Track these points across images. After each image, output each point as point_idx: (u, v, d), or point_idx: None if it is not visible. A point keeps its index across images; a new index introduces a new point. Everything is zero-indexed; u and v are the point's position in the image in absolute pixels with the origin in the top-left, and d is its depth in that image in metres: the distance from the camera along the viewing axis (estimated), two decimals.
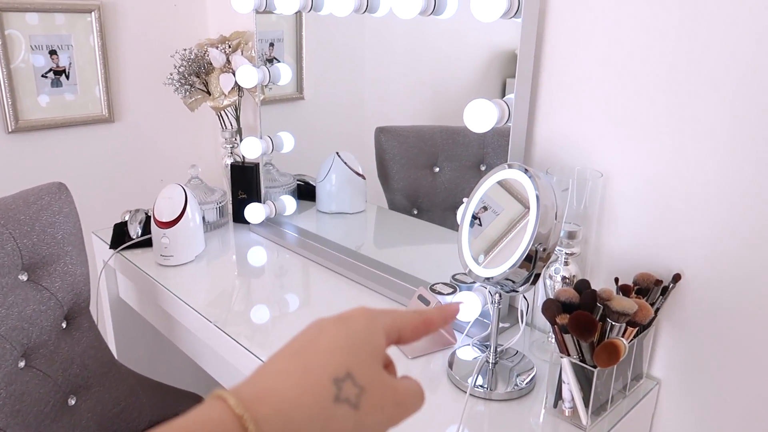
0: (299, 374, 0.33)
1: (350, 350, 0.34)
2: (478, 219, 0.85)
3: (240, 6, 1.23)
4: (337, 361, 0.34)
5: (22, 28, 1.32)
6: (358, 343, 0.35)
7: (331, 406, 0.32)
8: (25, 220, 1.01)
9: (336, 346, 0.34)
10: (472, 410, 0.82)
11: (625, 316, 0.74)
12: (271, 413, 0.31)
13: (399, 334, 0.38)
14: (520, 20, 0.86)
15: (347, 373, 0.33)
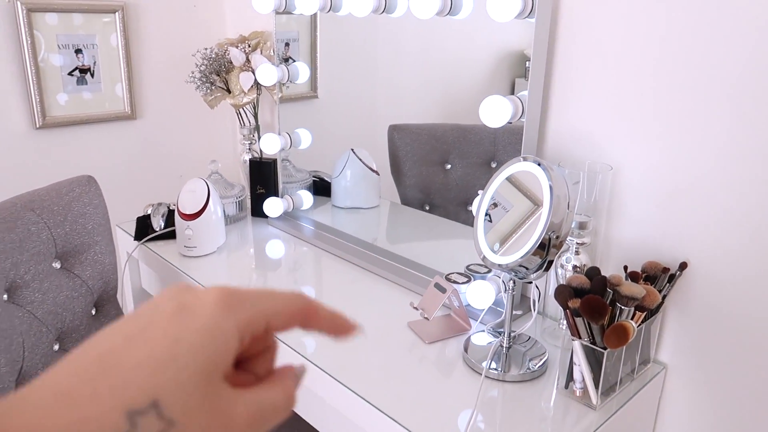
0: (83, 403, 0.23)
1: (170, 366, 0.25)
2: (488, 215, 0.89)
3: (261, 6, 1.28)
4: (143, 383, 0.24)
5: (49, 28, 1.37)
6: (187, 353, 0.26)
7: None
8: (59, 211, 1.06)
9: (150, 359, 0.25)
10: (486, 391, 0.86)
11: (633, 300, 0.78)
12: None
13: (266, 324, 0.29)
14: (533, 20, 0.90)
15: (153, 402, 0.24)
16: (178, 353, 0.25)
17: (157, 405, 0.24)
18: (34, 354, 0.98)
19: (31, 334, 0.98)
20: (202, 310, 0.27)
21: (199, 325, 0.26)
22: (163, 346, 0.25)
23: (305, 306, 0.31)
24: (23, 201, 1.01)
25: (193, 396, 0.25)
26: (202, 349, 0.26)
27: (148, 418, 0.24)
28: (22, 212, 0.99)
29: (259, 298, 0.29)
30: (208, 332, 0.26)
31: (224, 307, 0.27)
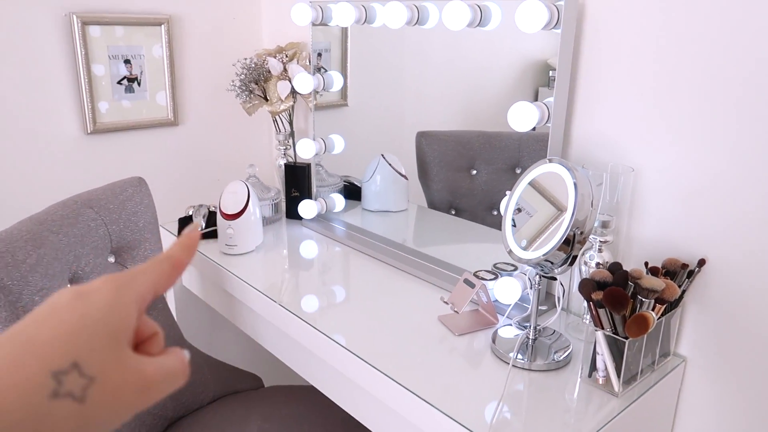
0: (10, 369, 0.28)
1: (80, 334, 0.30)
2: (512, 221, 0.94)
3: (299, 19, 1.36)
4: (60, 350, 0.29)
5: (101, 40, 1.47)
6: (94, 323, 0.31)
7: (46, 403, 0.28)
8: (114, 209, 1.14)
9: (64, 330, 0.30)
10: (513, 379, 0.92)
11: (653, 292, 0.83)
12: None
13: (154, 293, 0.35)
14: (559, 30, 0.96)
15: (73, 363, 0.29)
16: (86, 324, 0.30)
17: (77, 365, 0.29)
18: None
19: None
20: (98, 292, 0.32)
21: (99, 302, 0.31)
22: (72, 321, 0.30)
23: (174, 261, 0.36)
24: (83, 199, 1.10)
25: (108, 356, 0.30)
26: (106, 318, 0.31)
27: (71, 376, 0.29)
28: (83, 209, 1.08)
29: (138, 274, 0.34)
30: (108, 306, 0.32)
31: (117, 286, 0.33)
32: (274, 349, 1.26)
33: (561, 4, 0.95)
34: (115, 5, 1.48)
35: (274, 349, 1.26)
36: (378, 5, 1.26)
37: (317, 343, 1.05)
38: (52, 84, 1.43)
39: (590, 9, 0.99)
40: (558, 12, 0.95)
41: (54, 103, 1.45)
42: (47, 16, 1.39)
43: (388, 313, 1.11)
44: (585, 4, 1.00)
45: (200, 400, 1.30)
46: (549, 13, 0.93)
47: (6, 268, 0.87)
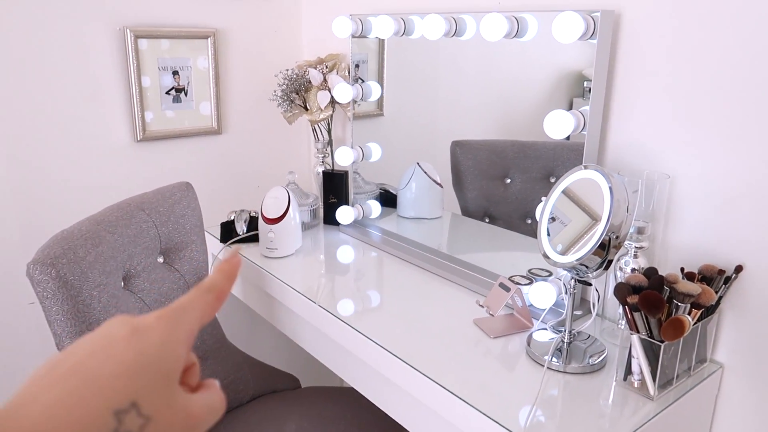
0: (73, 408, 0.29)
1: (139, 374, 0.31)
2: (547, 229, 0.96)
3: (340, 31, 1.41)
4: (121, 389, 0.30)
5: (152, 52, 1.55)
6: (150, 363, 0.32)
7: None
8: (163, 212, 1.20)
9: (123, 370, 0.31)
10: (548, 382, 0.93)
11: (689, 297, 0.84)
12: None
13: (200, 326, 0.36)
14: (595, 41, 0.99)
15: (132, 403, 0.30)
16: (143, 363, 0.31)
17: (136, 405, 0.30)
18: None
19: None
20: (153, 331, 0.33)
21: (155, 340, 0.32)
22: (130, 360, 0.31)
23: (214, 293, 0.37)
24: (136, 202, 1.16)
25: (162, 396, 0.32)
26: (162, 359, 0.32)
27: (130, 416, 0.30)
28: (136, 212, 1.14)
29: (187, 310, 0.35)
30: (164, 345, 0.33)
31: (169, 325, 0.34)
32: (311, 349, 1.30)
33: (597, 15, 0.97)
34: (166, 20, 1.56)
35: (312, 349, 1.29)
36: (417, 17, 1.30)
37: (355, 342, 1.08)
38: (106, 94, 1.51)
39: (626, 19, 1.01)
40: (594, 23, 0.97)
41: (107, 112, 1.53)
42: (103, 31, 1.47)
43: (423, 315, 1.14)
44: (621, 14, 1.02)
45: (240, 398, 1.35)
46: (585, 24, 0.96)
47: (69, 265, 0.93)
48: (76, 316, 0.93)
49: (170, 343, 0.33)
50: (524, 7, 1.17)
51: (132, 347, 0.32)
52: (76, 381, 0.30)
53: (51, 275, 0.90)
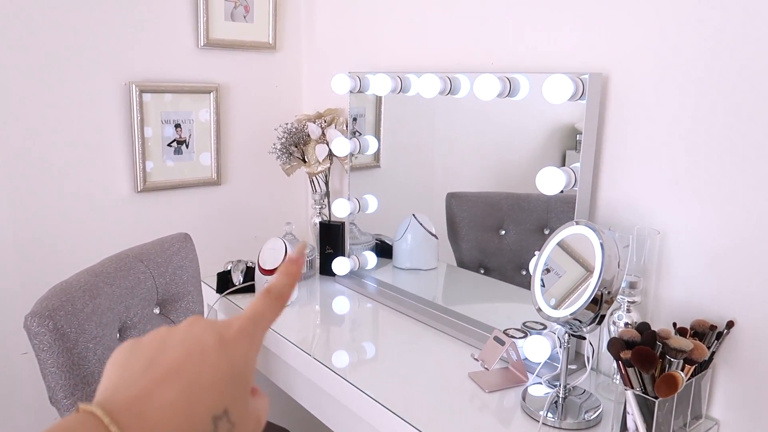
0: (184, 409, 0.32)
1: (229, 385, 0.35)
2: (541, 281, 0.98)
3: (339, 88, 1.46)
4: (218, 397, 0.34)
5: (156, 106, 1.59)
6: (239, 375, 0.35)
7: None
8: (162, 263, 1.21)
9: (218, 379, 0.34)
10: None
11: (682, 352, 0.85)
12: None
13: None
14: (584, 101, 1.03)
15: (225, 411, 0.34)
16: (234, 374, 0.35)
17: (227, 412, 0.34)
18: None
19: None
20: (239, 344, 0.36)
21: (241, 353, 0.36)
22: (224, 369, 0.34)
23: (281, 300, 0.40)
24: (134, 253, 1.17)
25: (243, 404, 0.35)
26: (245, 370, 0.36)
27: (222, 422, 0.33)
28: (134, 263, 1.15)
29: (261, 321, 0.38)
30: (246, 358, 0.36)
31: (251, 338, 0.37)
32: (305, 401, 1.28)
33: (586, 77, 1.02)
34: (170, 75, 1.61)
35: (305, 402, 1.28)
36: (413, 76, 1.35)
37: (349, 395, 1.08)
38: (109, 146, 1.55)
39: (613, 81, 1.06)
40: (583, 84, 1.02)
41: (110, 164, 1.56)
42: (110, 85, 1.52)
43: (418, 368, 1.13)
44: (609, 76, 1.06)
45: None
46: (574, 85, 1.00)
47: (66, 317, 0.93)
48: (71, 369, 0.93)
49: (251, 356, 0.37)
50: (516, 68, 1.22)
51: (223, 359, 0.35)
52: (180, 386, 0.33)
53: (48, 327, 0.91)
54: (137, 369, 0.34)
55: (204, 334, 0.36)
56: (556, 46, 1.15)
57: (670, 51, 0.98)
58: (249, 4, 1.70)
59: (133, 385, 0.33)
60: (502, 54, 1.26)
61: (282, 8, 1.78)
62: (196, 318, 0.38)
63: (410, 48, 1.48)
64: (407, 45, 1.49)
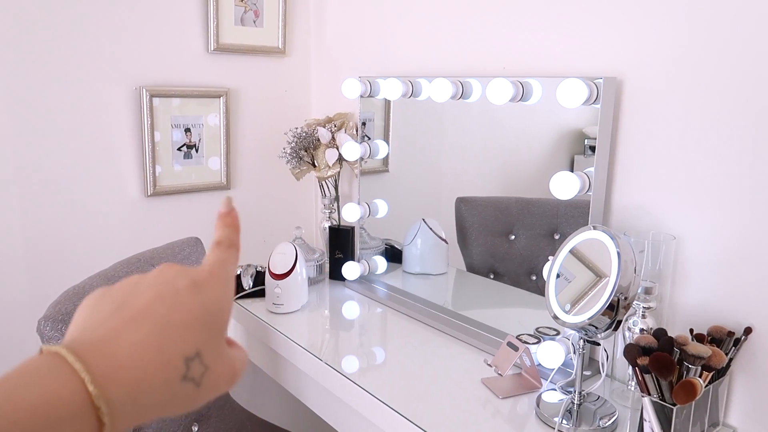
0: (154, 350, 0.31)
1: (203, 326, 0.34)
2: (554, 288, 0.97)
3: (349, 92, 1.45)
4: (190, 339, 0.33)
5: (165, 110, 1.59)
6: (211, 317, 0.35)
7: (178, 385, 0.32)
8: None
9: (191, 320, 0.33)
10: None
11: (700, 359, 0.84)
12: (122, 394, 0.30)
13: None
14: (598, 106, 1.02)
15: (197, 352, 0.33)
16: (206, 316, 0.34)
17: (200, 354, 0.33)
18: None
19: None
20: (211, 286, 0.36)
21: (214, 296, 0.35)
22: (196, 312, 0.34)
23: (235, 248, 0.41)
24: (146, 257, 1.17)
25: (217, 349, 0.35)
26: (219, 313, 0.35)
27: (195, 363, 0.33)
28: (146, 267, 1.15)
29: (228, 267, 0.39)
30: (220, 302, 0.36)
31: (224, 282, 0.37)
32: (316, 407, 1.28)
33: (600, 82, 1.01)
34: (180, 80, 1.61)
35: (316, 407, 1.28)
36: (424, 80, 1.35)
37: (360, 400, 1.07)
38: (119, 151, 1.55)
39: (628, 85, 1.05)
40: (597, 89, 1.01)
41: (120, 168, 1.56)
42: (120, 90, 1.52)
43: (430, 373, 1.13)
44: (623, 81, 1.06)
45: None
46: (588, 90, 1.00)
47: None
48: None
49: (225, 299, 0.36)
50: (529, 72, 1.22)
51: (196, 300, 0.34)
52: (151, 326, 0.32)
53: (62, 332, 0.90)
54: (107, 311, 0.33)
55: (176, 277, 0.35)
56: (569, 50, 1.14)
57: (684, 54, 0.97)
58: (259, 8, 1.70)
59: (101, 326, 0.32)
60: (513, 58, 1.25)
61: (292, 13, 1.78)
62: (167, 264, 0.37)
63: (421, 52, 1.48)
64: (417, 49, 1.48)
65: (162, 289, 0.34)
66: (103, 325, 0.32)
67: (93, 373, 0.29)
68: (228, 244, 0.40)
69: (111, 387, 0.29)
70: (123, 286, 0.35)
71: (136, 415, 0.30)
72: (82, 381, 0.28)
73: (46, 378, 0.28)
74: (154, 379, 0.31)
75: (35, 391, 0.27)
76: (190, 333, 0.33)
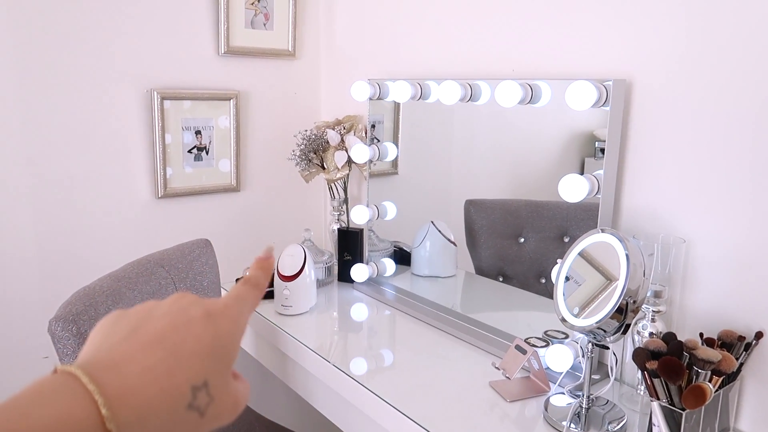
0: (164, 375, 0.32)
1: (212, 357, 0.34)
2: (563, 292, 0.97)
3: (358, 95, 1.46)
4: (198, 368, 0.33)
5: (176, 112, 1.60)
6: (221, 349, 0.35)
7: (183, 412, 0.32)
8: (182, 268, 1.22)
9: (201, 349, 0.34)
10: None
11: (710, 363, 0.83)
12: (131, 418, 0.30)
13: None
14: (608, 108, 1.02)
15: (204, 382, 0.33)
16: (216, 347, 0.35)
17: (207, 384, 0.33)
18: None
19: None
20: (224, 319, 0.36)
21: (226, 328, 0.36)
22: (207, 342, 0.34)
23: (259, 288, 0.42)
24: (156, 258, 1.18)
25: (223, 380, 0.35)
26: (229, 346, 0.36)
27: (201, 393, 0.33)
28: (156, 268, 1.16)
29: (243, 304, 0.39)
30: (231, 334, 0.36)
31: (236, 316, 0.38)
32: (324, 408, 1.28)
33: (609, 84, 1.01)
34: (191, 83, 1.62)
35: (324, 409, 1.28)
36: (433, 83, 1.35)
37: (368, 403, 1.07)
38: (131, 152, 1.56)
39: (637, 87, 1.05)
40: (606, 91, 1.01)
41: (131, 170, 1.57)
42: (132, 92, 1.54)
43: (438, 376, 1.12)
44: (632, 83, 1.05)
45: None
46: (598, 92, 0.99)
47: (89, 321, 0.94)
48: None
49: (236, 333, 0.37)
50: (538, 74, 1.21)
51: (208, 331, 0.35)
52: (163, 352, 0.33)
53: (72, 332, 0.91)
54: (121, 335, 0.34)
55: (191, 306, 0.36)
56: (578, 53, 1.14)
57: (694, 57, 0.97)
58: (269, 11, 1.71)
59: (115, 349, 0.33)
60: (522, 60, 1.25)
61: (301, 16, 1.79)
62: (183, 293, 0.38)
63: (430, 54, 1.48)
64: (427, 52, 1.48)
65: (176, 317, 0.35)
66: (117, 348, 0.33)
67: (106, 395, 0.29)
68: (254, 284, 0.42)
69: (122, 410, 0.30)
70: (139, 310, 0.36)
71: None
72: (96, 402, 0.29)
73: (60, 397, 0.29)
74: (162, 404, 0.31)
75: (49, 410, 0.28)
76: (200, 362, 0.34)
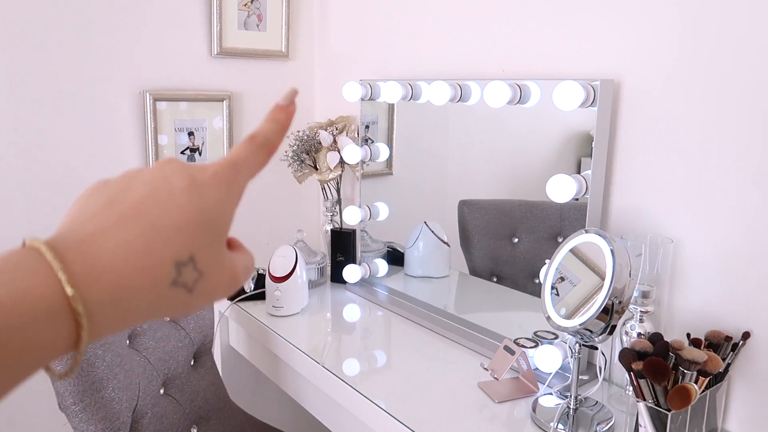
0: (142, 251, 0.29)
1: (198, 230, 0.31)
2: (555, 289, 0.97)
3: (350, 96, 1.46)
4: (183, 242, 0.30)
5: (170, 114, 1.60)
6: (208, 222, 0.32)
7: (166, 289, 0.30)
8: None
9: (185, 223, 0.31)
10: None
11: (695, 364, 0.83)
12: (104, 298, 0.28)
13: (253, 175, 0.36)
14: (596, 108, 1.01)
15: (190, 257, 0.31)
16: (203, 220, 0.31)
17: (193, 259, 0.31)
18: (146, 395, 1.11)
19: (145, 376, 1.11)
20: (212, 188, 0.33)
21: (214, 199, 0.32)
22: (192, 214, 0.31)
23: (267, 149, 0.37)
24: None
25: (214, 254, 0.32)
26: (218, 218, 0.32)
27: (187, 269, 0.30)
28: None
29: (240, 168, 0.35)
30: (220, 205, 0.33)
31: (227, 184, 0.34)
32: (315, 410, 1.28)
33: (597, 84, 1.01)
34: (184, 84, 1.62)
35: (316, 411, 1.28)
36: (424, 83, 1.35)
37: (359, 405, 1.07)
38: (124, 154, 1.56)
39: (625, 87, 1.05)
40: (594, 91, 1.01)
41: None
42: (124, 94, 1.54)
43: (428, 378, 1.12)
44: (620, 83, 1.05)
45: None
46: (585, 92, 0.99)
47: None
48: (79, 374, 0.93)
49: (226, 204, 0.33)
50: (527, 74, 1.21)
51: (193, 202, 0.31)
52: (141, 226, 0.30)
53: None
54: (97, 207, 0.31)
55: (174, 175, 0.32)
56: (567, 53, 1.14)
57: (682, 57, 0.97)
58: (262, 12, 1.71)
59: (89, 223, 0.30)
60: (512, 61, 1.25)
61: (295, 17, 1.79)
62: (168, 159, 0.34)
63: (421, 55, 1.48)
64: (419, 52, 1.48)
65: (157, 186, 0.32)
66: (91, 221, 0.30)
67: (72, 273, 0.27)
68: (263, 142, 0.37)
69: (91, 288, 0.27)
70: (120, 180, 0.33)
71: (120, 319, 0.29)
72: (59, 281, 0.27)
73: (21, 273, 0.26)
74: (139, 283, 0.29)
75: (9, 286, 0.26)
76: (184, 236, 0.31)
